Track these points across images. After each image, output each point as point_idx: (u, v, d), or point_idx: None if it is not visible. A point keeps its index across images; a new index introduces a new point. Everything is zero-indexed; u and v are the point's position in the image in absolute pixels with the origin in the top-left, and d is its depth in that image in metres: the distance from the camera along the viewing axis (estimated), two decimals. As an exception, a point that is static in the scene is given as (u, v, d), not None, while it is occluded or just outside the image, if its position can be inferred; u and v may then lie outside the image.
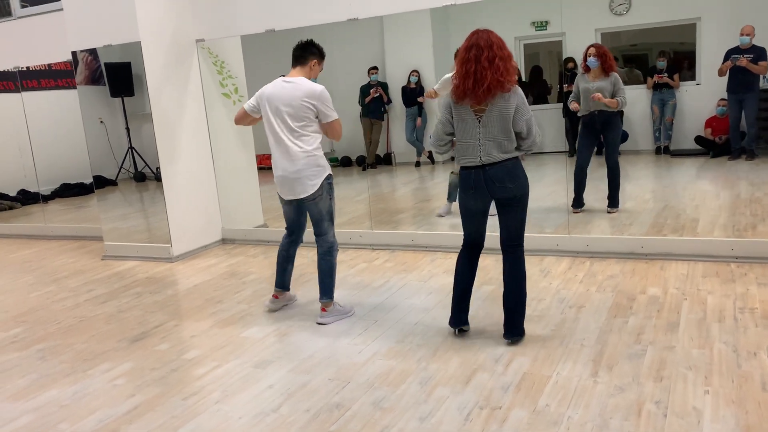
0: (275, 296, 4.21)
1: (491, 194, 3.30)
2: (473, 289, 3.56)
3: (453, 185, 6.11)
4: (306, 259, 5.38)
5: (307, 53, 3.90)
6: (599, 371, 3.02)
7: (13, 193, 8.72)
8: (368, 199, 6.66)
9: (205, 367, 3.45)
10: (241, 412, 2.93)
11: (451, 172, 6.14)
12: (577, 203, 5.85)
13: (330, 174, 3.90)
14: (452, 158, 6.58)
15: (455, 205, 5.85)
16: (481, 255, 3.54)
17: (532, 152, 3.40)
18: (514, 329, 3.39)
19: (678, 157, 7.94)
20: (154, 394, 3.18)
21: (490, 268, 4.63)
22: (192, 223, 5.98)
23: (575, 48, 8.54)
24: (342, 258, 5.34)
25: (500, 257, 4.89)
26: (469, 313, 3.56)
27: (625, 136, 8.34)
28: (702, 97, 8.02)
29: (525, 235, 3.42)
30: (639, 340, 3.31)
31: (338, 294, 4.35)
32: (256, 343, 3.74)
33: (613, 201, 5.79)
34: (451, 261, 4.87)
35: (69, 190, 8.48)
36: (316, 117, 3.82)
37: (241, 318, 4.16)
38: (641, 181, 7.34)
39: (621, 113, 5.79)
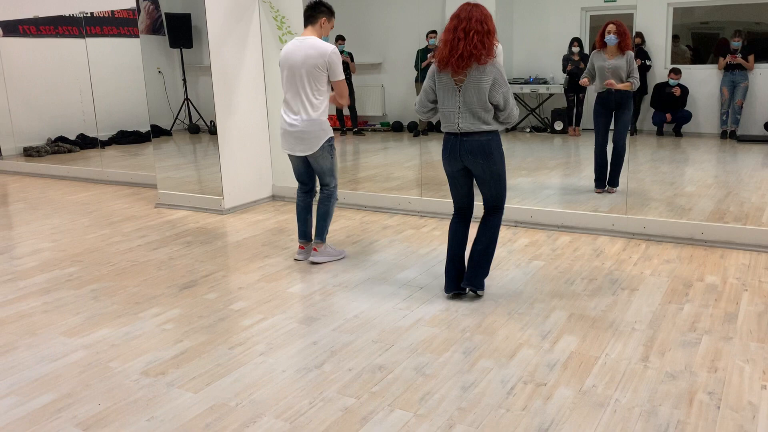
0: (301, 247, 4.47)
1: (464, 162, 3.44)
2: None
3: None
4: (353, 221, 5.38)
5: (316, 12, 4.12)
6: (650, 356, 2.93)
7: (72, 137, 8.98)
8: (419, 165, 6.59)
9: (251, 319, 3.50)
10: (284, 365, 2.97)
11: None
12: (600, 183, 5.77)
13: (331, 137, 4.18)
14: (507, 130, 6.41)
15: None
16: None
17: (510, 125, 3.49)
18: (474, 279, 3.54)
19: (745, 143, 7.59)
20: (201, 341, 3.25)
21: (540, 243, 4.54)
22: (244, 178, 6.03)
23: (645, 23, 8.19)
24: (389, 223, 5.33)
25: (550, 233, 4.81)
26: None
27: (688, 117, 8.01)
28: (776, 81, 7.63)
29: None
30: (694, 328, 3.20)
31: (382, 258, 4.37)
32: (302, 299, 3.76)
33: (614, 180, 5.70)
34: (501, 234, 4.79)
35: (125, 138, 8.67)
36: (327, 76, 4.05)
37: (288, 274, 4.19)
38: (704, 165, 7.05)
39: (637, 93, 5.65)
